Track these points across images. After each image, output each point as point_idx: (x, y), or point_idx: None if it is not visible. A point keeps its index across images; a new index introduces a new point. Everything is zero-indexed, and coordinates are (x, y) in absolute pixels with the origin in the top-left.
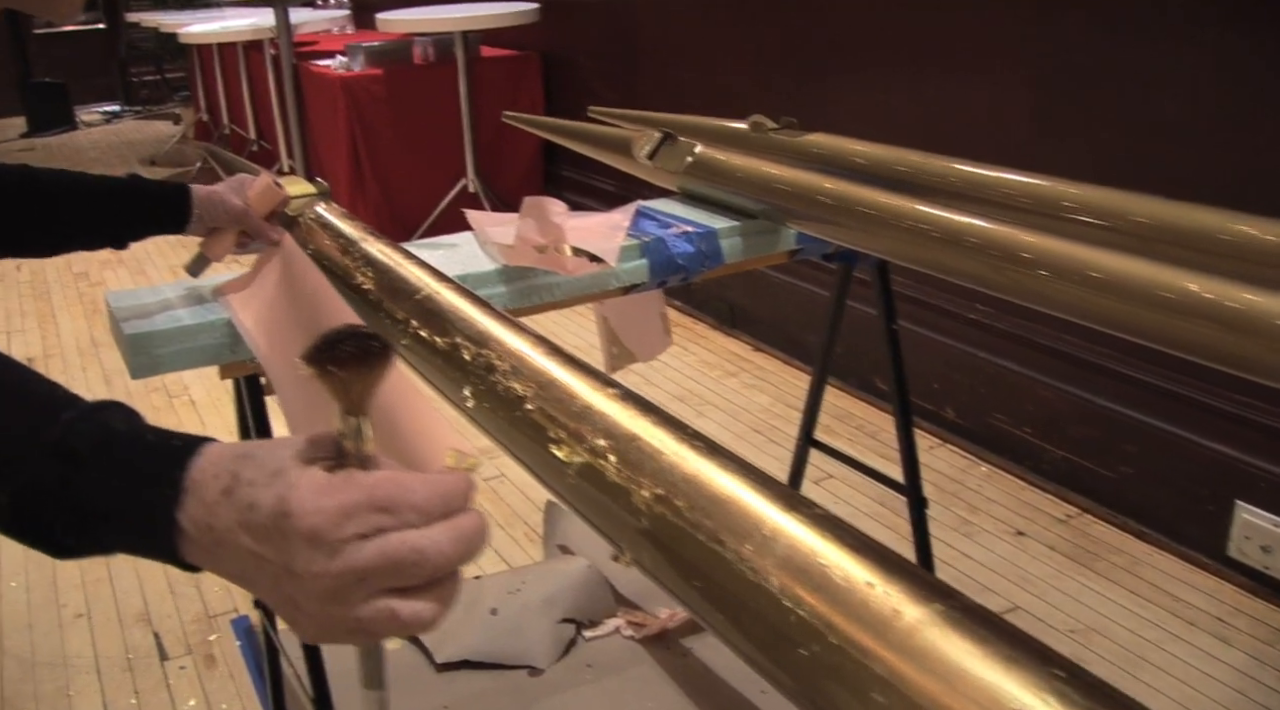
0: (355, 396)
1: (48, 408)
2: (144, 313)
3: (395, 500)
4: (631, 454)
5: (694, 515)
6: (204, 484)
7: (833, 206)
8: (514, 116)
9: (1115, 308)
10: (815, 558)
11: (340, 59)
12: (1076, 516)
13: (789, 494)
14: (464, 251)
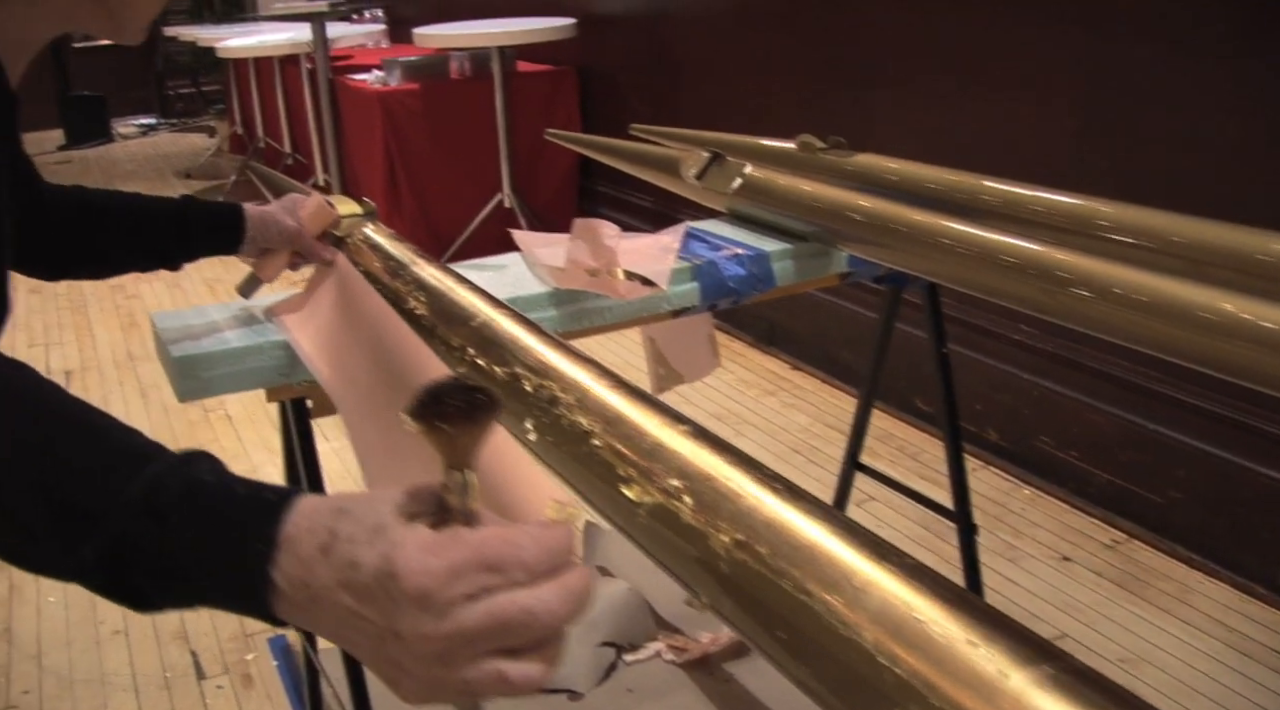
0: (462, 451)
1: (131, 459)
2: (191, 334)
3: (504, 559)
4: (707, 495)
5: (778, 563)
6: (299, 539)
7: (885, 229)
8: (557, 134)
9: (1161, 330)
10: (911, 613)
11: (377, 73)
12: (1124, 542)
13: (878, 543)
14: (512, 273)
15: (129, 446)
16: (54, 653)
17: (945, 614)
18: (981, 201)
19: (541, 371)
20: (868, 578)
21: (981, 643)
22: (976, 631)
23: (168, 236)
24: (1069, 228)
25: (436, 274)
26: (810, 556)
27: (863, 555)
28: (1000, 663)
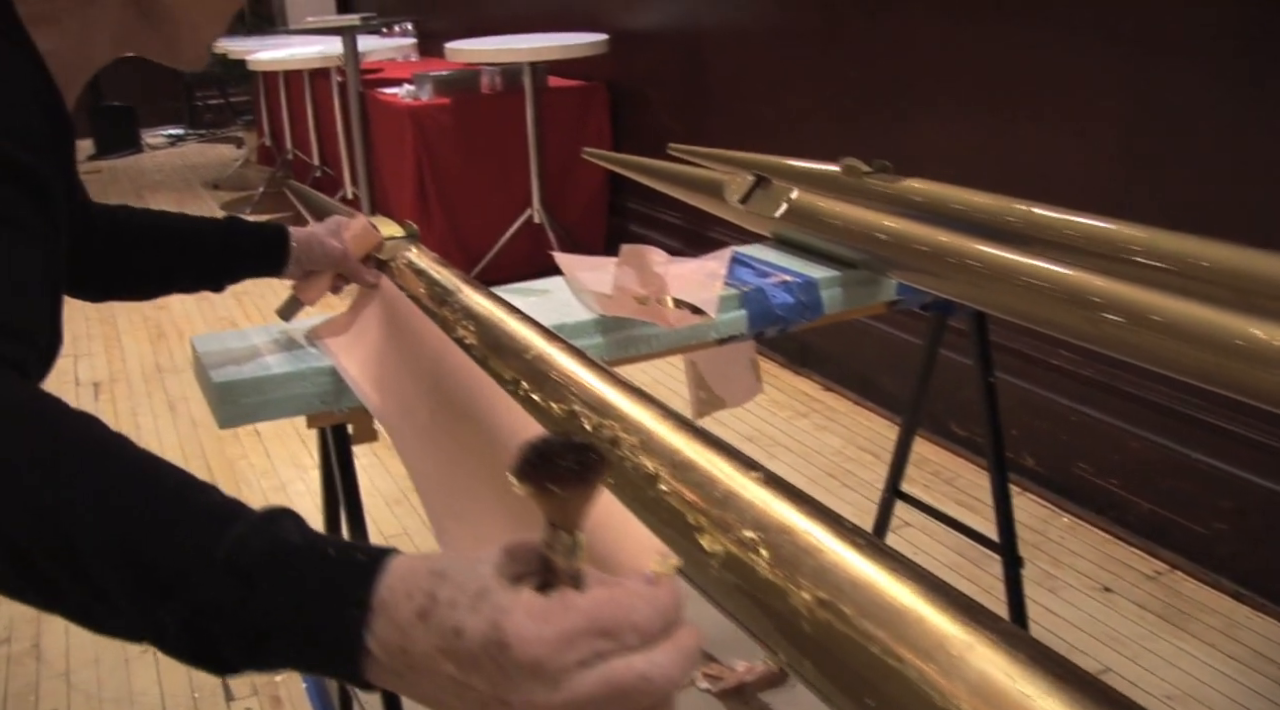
0: (572, 513)
1: (212, 519)
2: (232, 359)
3: (618, 623)
4: (785, 549)
5: (864, 625)
6: (395, 604)
7: (936, 257)
8: (595, 153)
9: (1204, 359)
10: (1014, 686)
11: (408, 87)
12: (1166, 573)
13: (972, 606)
14: (556, 299)
15: (209, 505)
16: (82, 671)
17: (1052, 688)
18: (1036, 229)
19: (601, 409)
20: (965, 644)
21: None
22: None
23: (213, 258)
24: (1113, 255)
25: (485, 302)
26: (900, 619)
27: (958, 620)
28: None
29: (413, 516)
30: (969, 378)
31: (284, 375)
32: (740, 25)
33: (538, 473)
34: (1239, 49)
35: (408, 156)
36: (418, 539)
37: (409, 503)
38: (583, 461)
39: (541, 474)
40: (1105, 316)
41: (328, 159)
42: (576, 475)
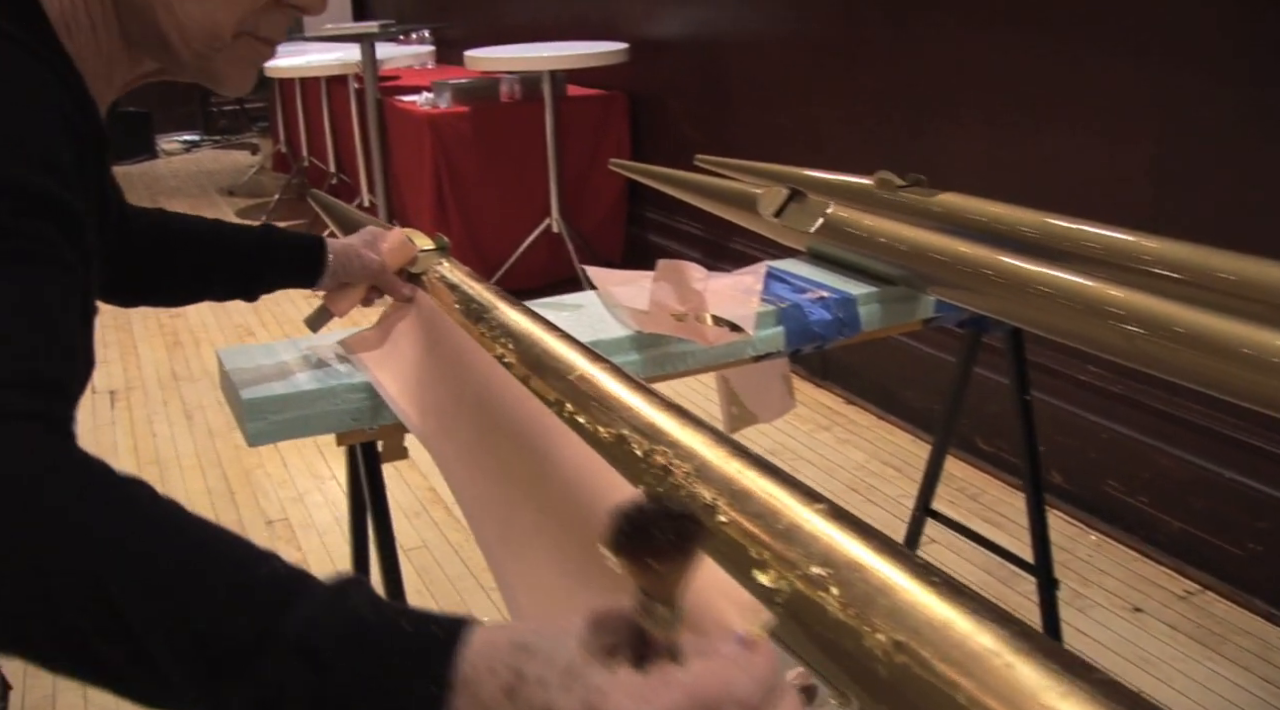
0: (670, 585)
1: (279, 595)
2: (259, 374)
3: (720, 700)
4: (857, 587)
5: (946, 671)
6: (477, 681)
7: (977, 273)
8: (621, 164)
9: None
10: None
11: (426, 95)
12: (1197, 593)
13: (1062, 653)
14: (590, 314)
15: (273, 578)
16: None
17: None
18: (1078, 246)
19: (652, 434)
20: (1058, 695)
21: None
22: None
23: (249, 267)
24: (1184, 278)
25: (523, 320)
26: (985, 666)
27: (1049, 669)
28: None
29: (432, 529)
30: (995, 393)
31: (314, 392)
32: (761, 34)
33: (634, 546)
34: (1271, 61)
35: (426, 164)
36: (437, 553)
37: (428, 516)
38: (681, 532)
39: (639, 547)
40: (1148, 335)
41: (344, 167)
42: (676, 547)
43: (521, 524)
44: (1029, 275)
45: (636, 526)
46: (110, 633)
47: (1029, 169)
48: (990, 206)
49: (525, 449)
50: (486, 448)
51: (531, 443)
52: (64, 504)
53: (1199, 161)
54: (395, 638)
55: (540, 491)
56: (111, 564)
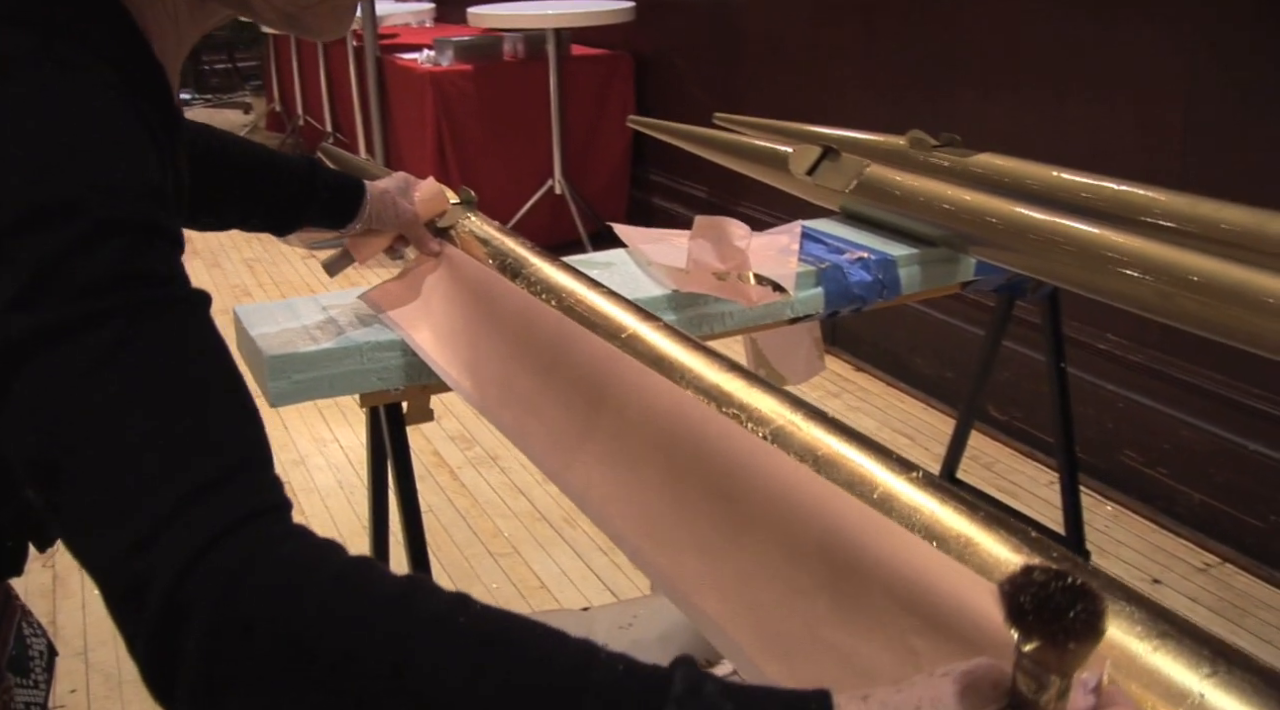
0: (1077, 661)
1: (632, 703)
2: (280, 332)
3: None
4: (972, 562)
5: None
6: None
7: (1018, 234)
8: (641, 121)
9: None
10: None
11: (428, 53)
12: (1217, 566)
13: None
14: (622, 272)
15: (615, 684)
16: (101, 649)
17: None
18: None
19: (720, 398)
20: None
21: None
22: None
23: (290, 199)
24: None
25: (563, 275)
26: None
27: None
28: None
29: (437, 494)
30: (1009, 359)
31: (341, 350)
32: None
33: (1048, 627)
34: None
35: (427, 124)
36: (443, 518)
37: (433, 480)
38: (1091, 610)
39: (1053, 629)
40: (1190, 294)
41: (341, 126)
42: (1087, 626)
43: (604, 460)
44: (1070, 232)
45: (1049, 608)
46: None
47: (1054, 133)
48: (1030, 167)
49: (600, 388)
50: (554, 395)
51: (606, 383)
52: (390, 637)
53: (1229, 125)
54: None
55: (620, 425)
56: (459, 704)
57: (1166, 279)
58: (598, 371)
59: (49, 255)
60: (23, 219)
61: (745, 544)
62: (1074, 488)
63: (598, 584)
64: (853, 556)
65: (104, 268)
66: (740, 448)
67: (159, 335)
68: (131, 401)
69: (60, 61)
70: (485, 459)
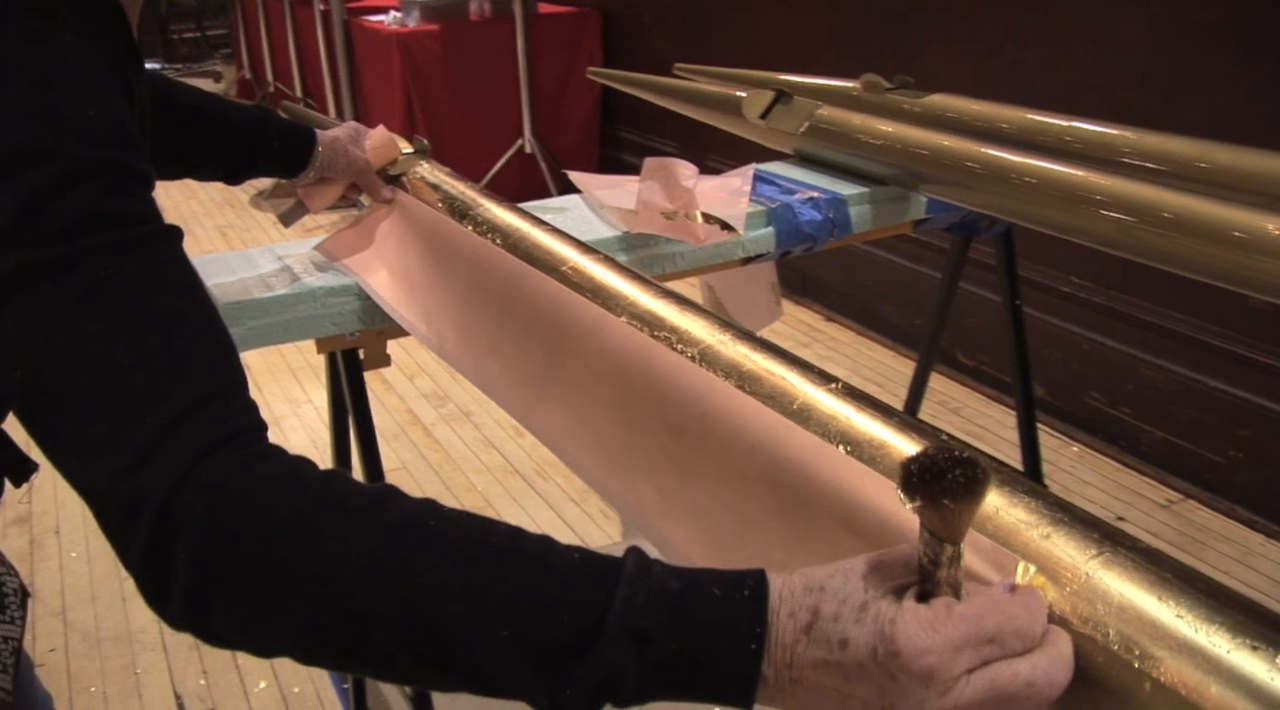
0: (958, 525)
1: (590, 586)
2: (235, 280)
3: (1002, 630)
4: (880, 464)
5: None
6: (780, 626)
7: (970, 171)
8: (599, 73)
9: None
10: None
11: (394, 14)
12: (1179, 502)
13: (1104, 527)
14: (575, 216)
15: (578, 570)
16: (79, 609)
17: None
18: (1065, 144)
19: (653, 322)
20: (1100, 561)
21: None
22: None
23: (243, 148)
24: (1164, 169)
25: (508, 215)
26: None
27: (1031, 507)
28: None
29: (411, 451)
30: (977, 306)
31: (293, 296)
32: None
33: (929, 488)
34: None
35: (395, 86)
36: (417, 473)
37: (407, 437)
38: (969, 475)
39: (933, 489)
40: (1138, 222)
41: (310, 91)
42: (965, 488)
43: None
44: (1021, 167)
45: (930, 471)
46: (444, 662)
47: (1018, 79)
48: (977, 105)
49: (549, 327)
50: (506, 334)
51: (556, 324)
52: (362, 531)
53: (1189, 70)
54: (709, 605)
55: (577, 364)
56: (433, 598)
57: (1122, 210)
58: (550, 309)
59: (26, 199)
60: (2, 162)
61: (697, 475)
62: (1030, 422)
63: (569, 534)
64: (798, 483)
65: (80, 208)
66: (684, 380)
67: (136, 270)
68: (114, 334)
69: (22, 4)
70: (459, 415)
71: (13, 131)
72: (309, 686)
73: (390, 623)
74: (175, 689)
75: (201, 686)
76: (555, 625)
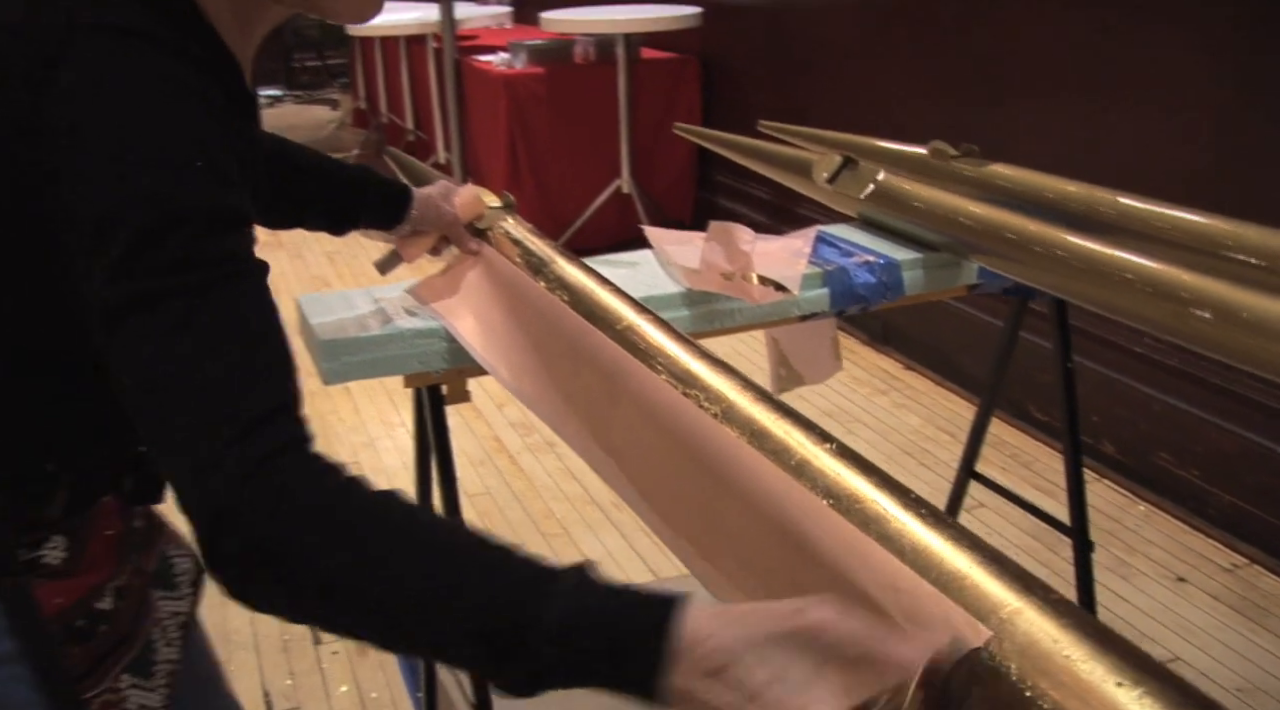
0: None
1: (532, 591)
2: (335, 319)
3: None
4: (855, 515)
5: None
6: (690, 654)
7: (1016, 243)
8: (685, 128)
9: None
10: (1057, 649)
11: (503, 56)
12: (1244, 566)
13: (1026, 576)
14: (645, 271)
15: (525, 576)
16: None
17: (1095, 652)
18: (1121, 219)
19: (687, 380)
20: (1015, 609)
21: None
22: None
23: (344, 202)
24: (1203, 249)
25: (578, 273)
26: (959, 584)
27: (1011, 587)
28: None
29: (495, 477)
30: (1049, 362)
31: (385, 336)
32: (831, 1)
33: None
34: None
35: (501, 124)
36: (499, 499)
37: (492, 464)
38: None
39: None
40: (1193, 312)
41: (421, 123)
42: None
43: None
44: (1072, 247)
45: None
46: (419, 643)
47: (1090, 140)
48: (1039, 178)
49: (606, 380)
50: (574, 384)
51: (612, 378)
52: (370, 533)
53: (1263, 138)
54: (628, 620)
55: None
56: (413, 594)
57: (1170, 298)
58: (606, 362)
59: (135, 240)
60: (118, 208)
61: (721, 519)
62: (1078, 476)
63: (640, 564)
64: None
65: (178, 250)
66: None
67: (222, 302)
68: (202, 355)
69: (142, 55)
70: (543, 445)
71: (131, 182)
72: (386, 693)
73: (395, 620)
74: (264, 687)
75: (288, 686)
76: (498, 625)
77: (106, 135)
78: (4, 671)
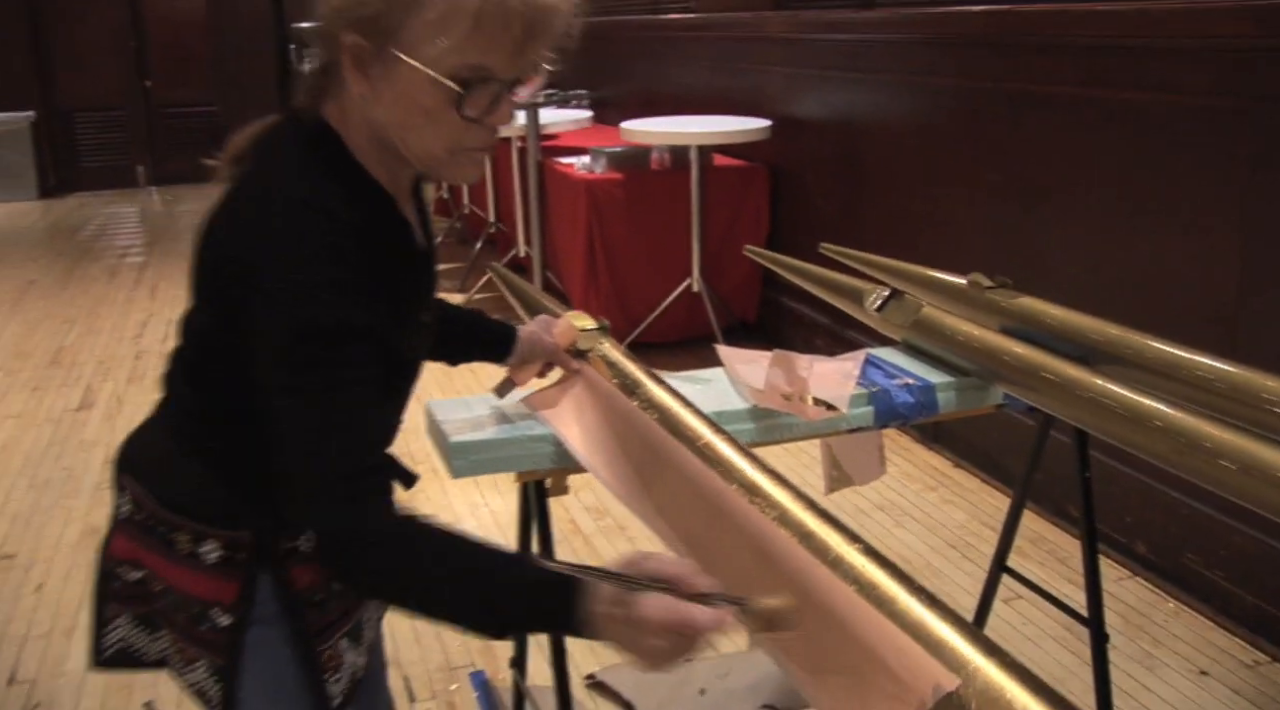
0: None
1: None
2: (461, 423)
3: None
4: (872, 598)
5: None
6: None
7: (1035, 375)
8: (754, 251)
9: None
10: None
11: (584, 160)
12: (1266, 664)
13: (987, 643)
14: (717, 388)
15: (543, 580)
16: None
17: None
18: (1142, 359)
19: (752, 489)
20: (977, 666)
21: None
22: None
23: (459, 340)
24: (1224, 393)
25: (665, 396)
26: (941, 648)
27: (978, 649)
28: None
29: (570, 555)
30: (1091, 467)
31: (505, 440)
32: (892, 119)
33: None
34: None
35: (580, 224)
36: None
37: (568, 544)
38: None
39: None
40: (1218, 462)
41: (502, 216)
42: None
43: (700, 543)
44: (1082, 382)
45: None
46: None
47: (1126, 260)
48: (1057, 310)
49: (687, 484)
50: (659, 485)
51: (690, 482)
52: (427, 560)
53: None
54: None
55: (705, 516)
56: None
57: (1198, 449)
58: (688, 472)
59: (287, 343)
60: (288, 330)
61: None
62: (1095, 570)
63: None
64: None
65: (315, 351)
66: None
67: (343, 394)
68: (326, 426)
69: (318, 211)
70: (615, 528)
71: (299, 311)
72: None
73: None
74: None
75: None
76: (534, 618)
77: (275, 277)
78: (270, 629)
